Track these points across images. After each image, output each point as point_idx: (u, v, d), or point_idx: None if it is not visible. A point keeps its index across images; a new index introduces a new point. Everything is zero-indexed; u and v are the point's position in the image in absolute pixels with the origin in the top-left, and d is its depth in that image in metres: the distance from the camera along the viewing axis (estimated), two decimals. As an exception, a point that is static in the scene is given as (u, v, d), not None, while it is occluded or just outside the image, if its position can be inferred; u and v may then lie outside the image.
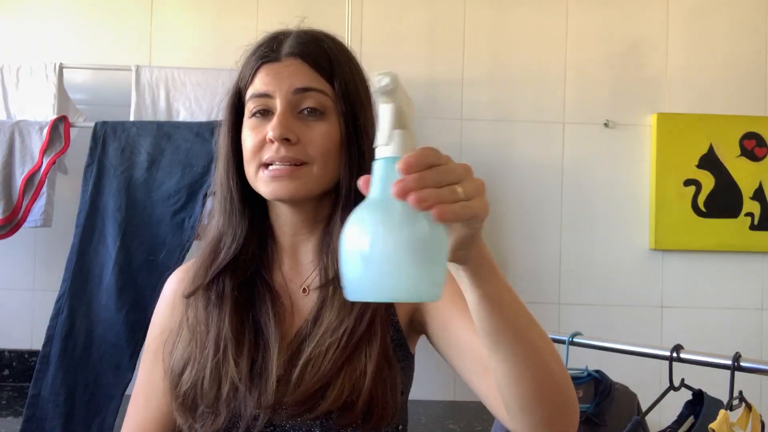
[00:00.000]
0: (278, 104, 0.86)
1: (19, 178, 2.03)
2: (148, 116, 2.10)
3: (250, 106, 0.89)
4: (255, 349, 0.86)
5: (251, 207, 0.91)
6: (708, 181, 2.38)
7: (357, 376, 0.83)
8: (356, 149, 0.88)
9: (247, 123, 0.89)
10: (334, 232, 0.87)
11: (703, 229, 2.37)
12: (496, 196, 2.36)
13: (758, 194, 2.39)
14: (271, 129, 0.85)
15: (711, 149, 2.38)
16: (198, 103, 2.12)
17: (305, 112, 0.87)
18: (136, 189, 1.90)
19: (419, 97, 2.25)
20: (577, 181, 2.40)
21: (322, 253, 0.90)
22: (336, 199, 0.89)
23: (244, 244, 0.90)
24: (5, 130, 2.04)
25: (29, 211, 2.03)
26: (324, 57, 0.90)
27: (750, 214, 2.39)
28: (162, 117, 2.10)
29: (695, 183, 2.38)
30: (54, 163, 2.03)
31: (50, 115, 2.08)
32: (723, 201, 2.38)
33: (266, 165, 0.86)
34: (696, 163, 2.38)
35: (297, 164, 0.85)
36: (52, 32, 2.33)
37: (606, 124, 2.40)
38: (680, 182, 2.38)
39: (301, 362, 0.84)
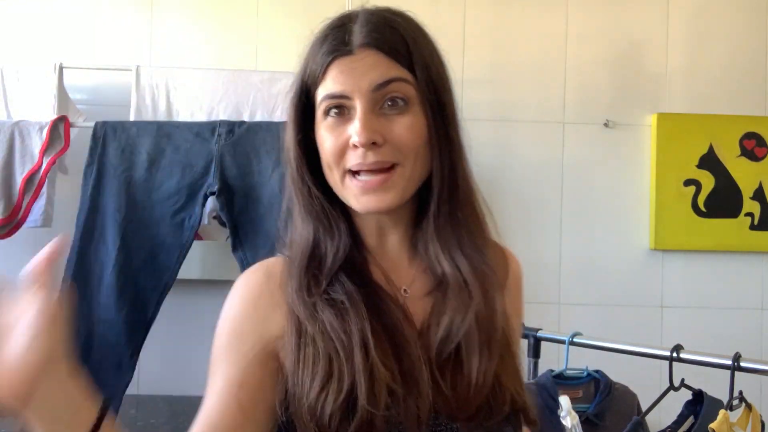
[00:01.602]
0: (358, 104, 0.78)
1: (19, 178, 2.03)
2: (148, 116, 2.10)
3: (323, 105, 0.80)
4: (394, 350, 0.78)
5: (341, 210, 0.84)
6: (708, 181, 2.38)
7: (512, 372, 0.81)
8: (446, 139, 0.82)
9: (323, 123, 0.81)
10: (429, 230, 0.83)
11: (703, 229, 2.37)
12: (496, 196, 2.36)
13: (758, 194, 2.39)
14: (355, 134, 0.77)
15: (711, 149, 2.38)
16: (198, 103, 2.12)
17: (387, 104, 0.79)
18: (136, 189, 1.90)
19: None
20: (577, 181, 2.40)
21: (419, 251, 0.85)
22: (427, 194, 0.83)
23: (349, 244, 0.84)
24: (5, 130, 2.04)
25: (29, 211, 2.03)
26: (401, 42, 0.81)
27: (750, 214, 2.39)
28: (162, 117, 2.10)
29: (695, 183, 2.38)
30: (54, 163, 2.03)
31: (50, 115, 2.08)
32: (723, 201, 2.38)
33: (352, 172, 0.79)
34: (696, 163, 2.38)
35: (387, 168, 0.78)
36: (52, 32, 2.33)
37: (606, 124, 2.40)
38: (680, 182, 2.38)
39: (448, 366, 0.78)
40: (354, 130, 0.77)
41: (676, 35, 2.44)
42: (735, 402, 1.31)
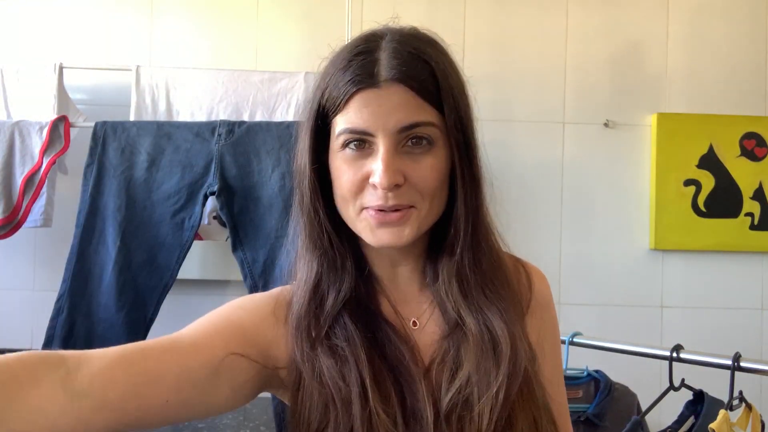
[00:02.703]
0: (381, 144, 0.74)
1: (19, 178, 2.03)
2: (148, 116, 2.10)
3: (343, 137, 0.76)
4: (398, 390, 0.75)
5: (349, 240, 0.81)
6: (708, 181, 2.38)
7: (531, 407, 0.77)
8: (470, 179, 0.81)
9: (340, 154, 0.76)
10: (449, 273, 0.80)
11: (703, 229, 2.37)
12: (496, 196, 2.36)
13: (758, 194, 2.39)
14: (378, 176, 0.73)
15: (711, 149, 2.38)
16: (198, 103, 2.12)
17: (410, 142, 0.75)
18: (136, 189, 1.90)
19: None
20: (577, 181, 2.40)
21: (430, 284, 0.83)
22: (443, 226, 0.81)
23: (354, 282, 0.81)
24: (5, 130, 2.04)
25: (29, 211, 2.03)
26: (431, 79, 0.77)
27: (750, 214, 2.39)
28: (162, 117, 2.10)
29: (695, 183, 2.38)
30: (54, 163, 2.03)
31: (50, 115, 2.08)
32: (723, 201, 2.38)
33: (367, 209, 0.76)
34: (696, 163, 2.38)
35: (402, 210, 0.76)
36: (52, 32, 2.33)
37: (606, 124, 2.40)
38: (680, 182, 2.38)
39: (456, 409, 0.75)
40: (377, 170, 0.74)
41: (676, 35, 2.44)
42: (735, 402, 1.31)
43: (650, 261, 2.40)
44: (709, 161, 2.38)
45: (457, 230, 0.80)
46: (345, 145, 0.76)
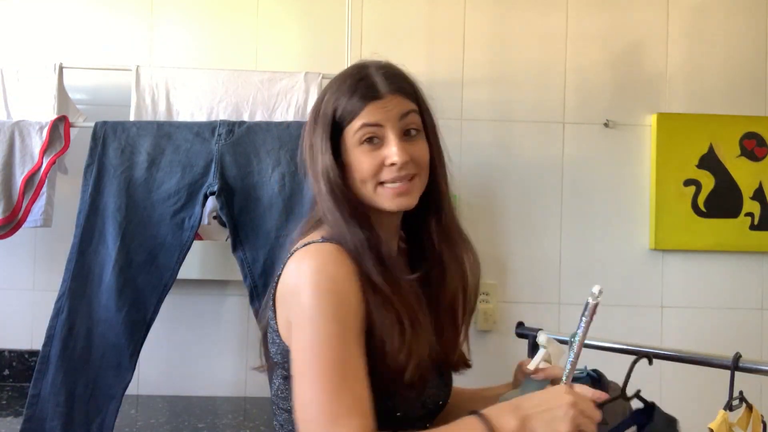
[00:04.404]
0: (390, 133, 1.08)
1: (19, 178, 2.03)
2: (148, 116, 2.10)
3: (359, 135, 1.08)
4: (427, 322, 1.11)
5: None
6: (708, 181, 2.38)
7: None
8: (440, 157, 1.16)
9: (358, 149, 1.08)
10: (433, 227, 1.16)
11: (703, 229, 2.37)
12: (496, 196, 2.36)
13: (758, 194, 2.39)
14: (394, 156, 1.06)
15: (711, 149, 2.38)
16: (198, 103, 2.12)
17: (406, 133, 1.09)
18: (136, 189, 1.90)
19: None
20: (577, 182, 2.40)
21: (402, 242, 1.21)
22: (428, 204, 1.15)
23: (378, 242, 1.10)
24: (5, 130, 2.04)
25: (29, 211, 2.03)
26: (410, 87, 1.13)
27: (750, 214, 2.39)
28: (162, 117, 2.10)
29: (695, 183, 2.38)
30: (54, 163, 2.03)
31: (50, 115, 2.08)
32: (723, 201, 2.38)
33: (381, 182, 1.08)
34: (696, 163, 2.38)
35: (411, 178, 1.09)
36: (52, 32, 2.33)
37: (606, 124, 2.40)
38: (680, 182, 2.38)
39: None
40: (392, 152, 1.07)
41: (676, 35, 2.44)
42: (735, 402, 1.31)
43: (650, 261, 2.40)
44: (709, 161, 2.38)
45: (441, 192, 1.16)
46: (362, 141, 1.08)
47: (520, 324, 1.79)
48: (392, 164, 1.07)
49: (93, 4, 2.35)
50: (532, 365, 1.15)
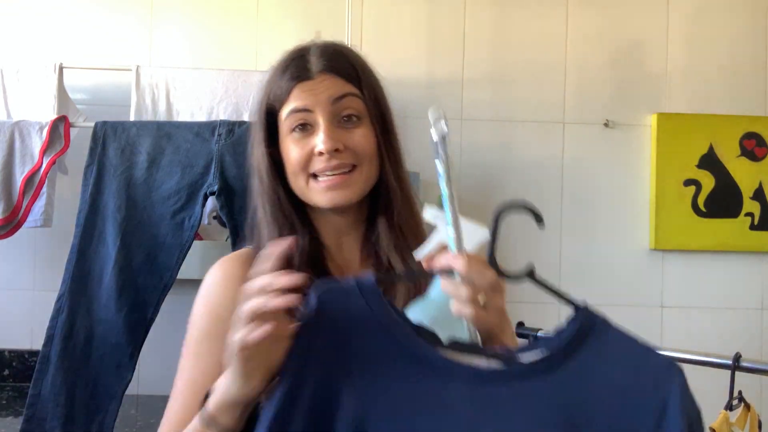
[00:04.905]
0: (319, 118, 0.92)
1: (19, 178, 2.03)
2: (148, 116, 2.10)
3: (289, 122, 0.94)
4: None
5: (302, 216, 0.97)
6: (708, 181, 2.38)
7: None
8: (392, 150, 0.97)
9: (289, 137, 0.94)
10: (382, 229, 0.97)
11: (703, 229, 2.37)
12: (496, 196, 2.36)
13: (758, 194, 2.39)
14: (320, 143, 0.91)
15: (711, 149, 2.38)
16: (198, 103, 2.12)
17: (344, 119, 0.93)
18: (136, 189, 1.90)
19: (419, 97, 2.25)
20: (577, 181, 2.40)
21: (371, 249, 0.98)
22: (377, 199, 0.97)
23: (311, 248, 0.96)
24: (5, 130, 2.04)
25: (29, 211, 2.03)
26: (350, 67, 0.96)
27: (750, 214, 2.39)
28: (162, 117, 2.10)
29: (695, 183, 2.38)
30: (54, 163, 2.03)
31: (50, 115, 2.08)
32: (723, 201, 2.38)
33: (315, 175, 0.93)
34: (696, 163, 2.38)
35: (347, 170, 0.93)
36: (52, 32, 2.33)
37: (606, 124, 2.40)
38: (680, 182, 2.38)
39: None
40: (319, 140, 0.91)
41: (676, 35, 2.44)
42: (735, 402, 1.31)
43: (650, 261, 2.40)
44: (709, 161, 2.38)
45: (378, 194, 0.97)
46: (292, 129, 0.94)
47: (521, 324, 1.79)
48: (320, 153, 0.91)
49: (93, 4, 2.35)
50: (420, 253, 0.85)
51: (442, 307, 0.80)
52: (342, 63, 0.95)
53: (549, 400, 0.70)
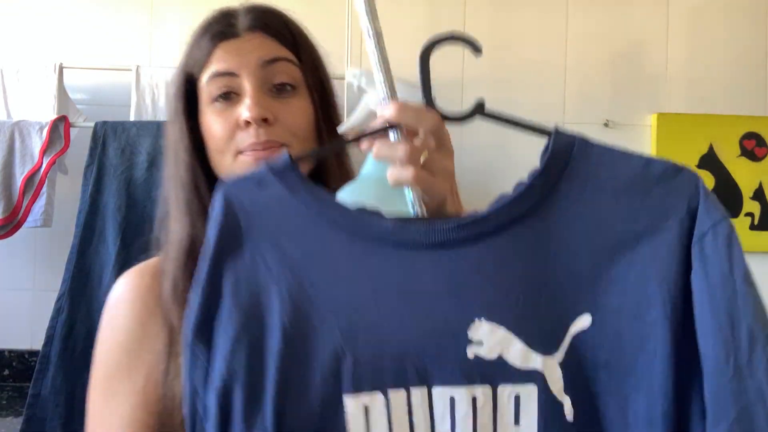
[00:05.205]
0: (246, 83, 0.76)
1: (19, 178, 2.03)
2: (148, 116, 2.10)
3: (210, 90, 0.78)
4: None
5: None
6: (708, 181, 2.38)
7: None
8: (330, 124, 0.82)
9: (209, 109, 0.78)
10: None
11: (703, 229, 2.37)
12: (496, 196, 2.36)
13: (758, 194, 2.39)
14: (246, 110, 0.75)
15: (711, 149, 2.38)
16: (198, 103, 2.12)
17: (276, 88, 0.78)
18: (136, 189, 1.90)
19: (419, 97, 2.25)
20: (577, 181, 2.40)
21: None
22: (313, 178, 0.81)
23: None
24: (5, 130, 2.04)
25: (29, 211, 2.03)
26: (285, 28, 0.82)
27: (750, 214, 2.39)
28: (162, 117, 2.10)
29: (695, 183, 2.38)
30: (54, 163, 2.03)
31: (50, 115, 2.08)
32: (723, 201, 2.32)
33: (241, 152, 0.77)
34: (696, 163, 2.38)
35: (276, 147, 0.76)
36: (52, 32, 2.33)
37: (606, 124, 2.40)
38: (680, 182, 2.37)
39: None
40: (245, 106, 0.75)
41: (676, 35, 2.44)
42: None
43: (650, 261, 2.40)
44: (709, 161, 2.38)
45: (327, 172, 0.81)
46: (214, 98, 0.78)
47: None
48: (246, 123, 0.75)
49: (93, 4, 2.35)
50: (346, 124, 0.76)
51: (379, 183, 0.65)
52: (274, 22, 0.81)
53: (528, 252, 0.60)
